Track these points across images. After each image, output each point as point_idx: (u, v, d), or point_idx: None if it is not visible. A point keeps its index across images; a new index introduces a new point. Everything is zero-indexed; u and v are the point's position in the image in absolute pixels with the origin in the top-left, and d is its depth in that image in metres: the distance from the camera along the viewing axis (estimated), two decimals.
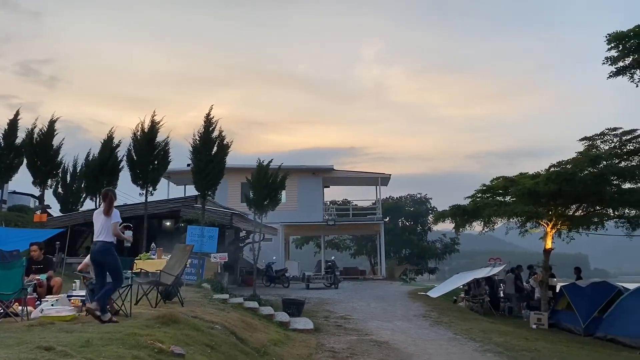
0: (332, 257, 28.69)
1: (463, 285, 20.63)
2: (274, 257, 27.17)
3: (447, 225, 22.15)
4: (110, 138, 19.79)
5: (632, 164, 17.19)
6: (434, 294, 20.48)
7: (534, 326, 15.94)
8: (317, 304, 15.79)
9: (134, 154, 16.96)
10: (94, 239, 7.02)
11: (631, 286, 16.37)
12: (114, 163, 18.94)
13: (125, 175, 17.02)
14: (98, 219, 7.01)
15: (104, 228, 6.89)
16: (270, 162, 15.33)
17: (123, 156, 18.25)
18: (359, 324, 12.22)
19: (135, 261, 8.77)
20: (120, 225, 7.25)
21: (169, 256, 10.34)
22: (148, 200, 17.47)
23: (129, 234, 9.09)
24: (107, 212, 6.95)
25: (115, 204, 7.23)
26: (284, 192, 26.15)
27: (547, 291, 17.91)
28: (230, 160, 16.04)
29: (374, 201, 36.85)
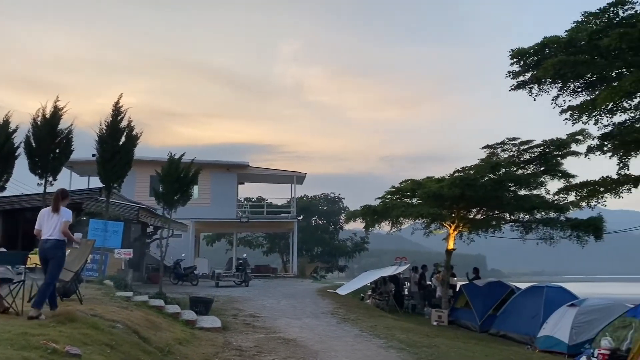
0: (244, 255, 28.42)
1: (370, 283, 21.21)
2: (183, 254, 26.44)
3: (358, 225, 22.69)
4: (6, 122, 18.27)
5: (528, 172, 18.54)
6: (342, 291, 20.89)
7: (435, 323, 16.73)
8: (226, 302, 15.56)
9: (32, 141, 15.78)
10: (45, 237, 7.16)
11: (523, 286, 17.65)
12: (9, 150, 17.51)
13: (22, 163, 15.77)
14: (47, 217, 7.24)
15: (55, 226, 7.13)
16: (182, 155, 14.88)
17: (20, 143, 16.94)
18: (268, 322, 12.19)
19: (30, 255, 8.16)
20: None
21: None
22: (47, 191, 16.33)
23: (77, 236, 9.21)
24: (56, 210, 7.22)
25: (10, 193, 6.99)
26: (196, 188, 25.58)
27: (447, 290, 18.87)
28: (140, 152, 15.37)
29: (288, 199, 36.92)
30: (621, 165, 10.36)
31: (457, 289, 19.49)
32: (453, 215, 18.94)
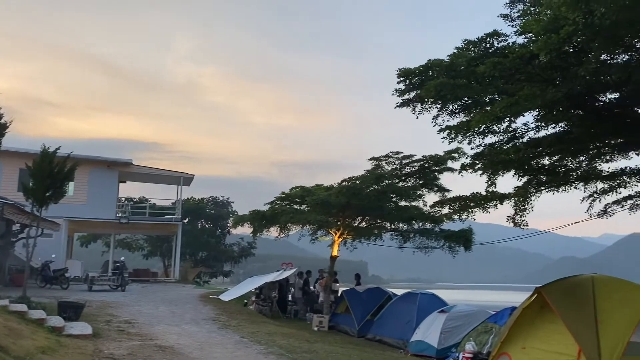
0: (122, 258, 26.89)
1: (255, 289, 21.10)
2: (54, 255, 24.45)
3: (246, 230, 22.49)
4: None
5: (408, 184, 19.61)
6: (225, 297, 20.55)
7: (316, 328, 17.01)
8: (100, 307, 14.63)
9: None
10: None
11: (399, 292, 18.57)
12: None
13: None
14: None
15: None
16: (57, 149, 13.77)
17: None
18: (144, 328, 11.64)
19: None
20: None
21: None
22: None
23: None
24: None
25: None
26: (71, 184, 23.78)
27: (330, 295, 19.32)
28: (8, 142, 14.03)
29: (174, 201, 35.66)
30: (489, 182, 11.31)
31: (339, 295, 20.02)
32: (339, 222, 19.48)
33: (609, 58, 9.05)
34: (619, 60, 9.08)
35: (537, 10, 8.66)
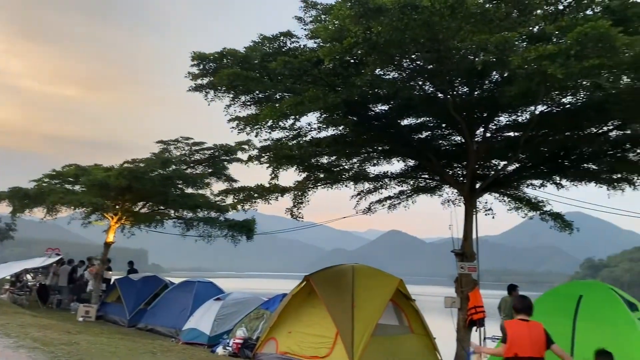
0: None
1: (10, 276, 18.61)
2: None
3: (4, 209, 19.66)
4: None
5: (197, 172, 19.35)
6: None
7: (81, 319, 15.73)
8: None
9: None
10: None
11: (178, 280, 18.23)
12: None
13: None
14: None
15: None
16: None
17: None
18: None
19: None
20: None
21: None
22: None
23: None
24: None
25: None
26: None
27: (100, 284, 18.03)
28: None
29: None
30: (273, 175, 11.78)
31: (112, 283, 18.83)
32: (117, 207, 18.30)
33: (382, 73, 10.15)
34: (390, 77, 10.25)
35: (327, 18, 9.27)
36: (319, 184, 12.83)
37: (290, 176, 12.97)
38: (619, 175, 12.00)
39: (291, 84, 9.85)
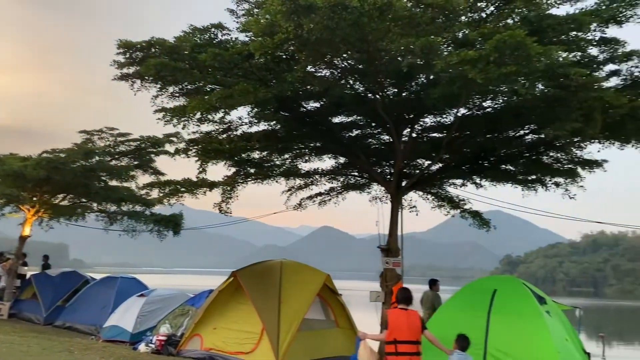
0: None
1: None
2: None
3: None
4: None
5: (122, 164, 18.65)
6: None
7: None
8: None
9: None
10: None
11: (101, 276, 17.54)
12: None
13: None
14: None
15: None
16: None
17: None
18: None
19: None
20: None
21: None
22: None
23: None
24: None
25: None
26: None
27: (14, 279, 17.04)
28: None
29: None
30: (201, 169, 11.58)
31: (27, 279, 17.82)
32: (34, 198, 17.34)
33: (314, 70, 10.23)
34: (322, 74, 10.35)
35: (259, 12, 9.23)
36: (249, 179, 12.76)
37: (219, 170, 12.83)
38: (534, 177, 12.77)
39: (222, 76, 9.72)
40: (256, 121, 11.87)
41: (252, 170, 12.68)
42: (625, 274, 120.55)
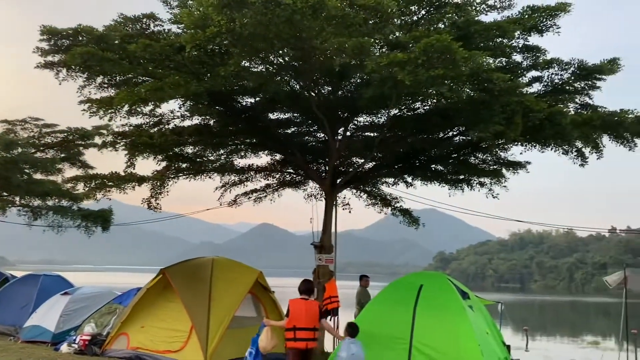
0: None
1: None
2: None
3: None
4: None
5: (47, 156, 17.79)
6: None
7: None
8: None
9: None
10: None
11: (23, 274, 16.63)
12: None
13: None
14: None
15: None
16: None
17: None
18: None
19: None
20: None
21: None
22: None
23: None
24: None
25: None
26: None
27: None
28: None
29: None
30: (129, 163, 11.25)
31: None
32: None
33: (250, 65, 10.15)
34: (257, 70, 10.29)
35: (192, 4, 9.05)
36: (180, 175, 12.52)
37: (151, 165, 12.48)
38: (462, 177, 13.28)
39: (153, 68, 9.49)
40: (189, 115, 11.67)
41: (184, 165, 12.44)
42: (548, 271, 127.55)
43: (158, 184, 12.05)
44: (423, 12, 9.57)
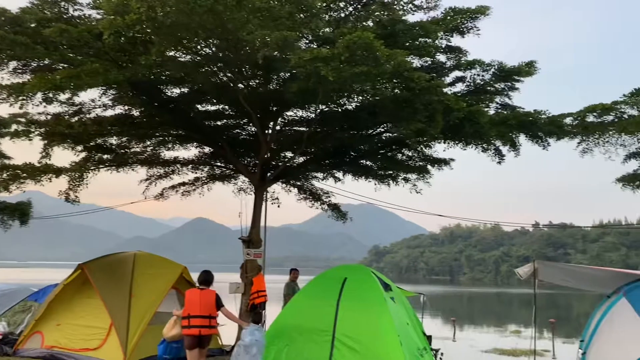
0: None
1: None
2: None
3: None
4: None
5: None
6: None
7: None
8: None
9: None
10: None
11: None
12: None
13: None
14: None
15: None
16: None
17: None
18: None
19: None
20: None
21: None
22: None
23: None
24: None
25: None
26: None
27: None
28: None
29: None
30: (44, 154, 10.69)
31: None
32: None
33: (175, 55, 9.87)
34: (182, 59, 10.02)
35: None
36: (101, 166, 12.03)
37: (71, 156, 11.89)
38: (390, 172, 13.57)
39: (71, 54, 9.05)
40: (112, 105, 11.23)
41: (105, 157, 11.97)
42: (476, 264, 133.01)
43: (77, 175, 11.51)
44: (351, 9, 9.66)
